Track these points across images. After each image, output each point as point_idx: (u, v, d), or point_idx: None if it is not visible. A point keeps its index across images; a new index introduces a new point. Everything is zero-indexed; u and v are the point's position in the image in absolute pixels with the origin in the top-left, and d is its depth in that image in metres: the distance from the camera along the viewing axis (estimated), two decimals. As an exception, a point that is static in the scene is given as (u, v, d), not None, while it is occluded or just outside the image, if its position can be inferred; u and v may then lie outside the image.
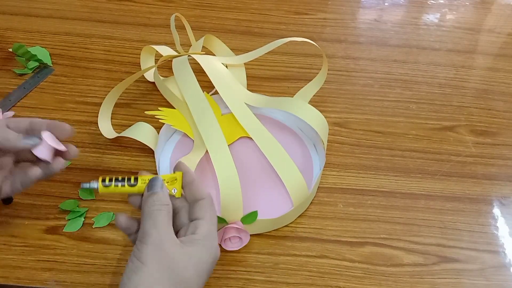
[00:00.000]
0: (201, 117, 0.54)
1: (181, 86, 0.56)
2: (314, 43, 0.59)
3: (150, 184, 0.40)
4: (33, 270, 0.45)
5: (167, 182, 0.41)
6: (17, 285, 0.44)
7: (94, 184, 0.41)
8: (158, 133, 0.55)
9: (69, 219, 0.49)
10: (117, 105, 0.59)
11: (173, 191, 0.41)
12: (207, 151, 0.52)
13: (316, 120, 0.53)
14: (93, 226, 0.49)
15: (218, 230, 0.43)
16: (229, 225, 0.46)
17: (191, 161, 0.49)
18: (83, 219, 0.49)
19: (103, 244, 0.48)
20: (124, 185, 0.41)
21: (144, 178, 0.41)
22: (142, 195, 0.40)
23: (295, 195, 0.49)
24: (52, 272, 0.45)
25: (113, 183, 0.41)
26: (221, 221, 0.46)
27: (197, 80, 0.56)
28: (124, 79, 0.58)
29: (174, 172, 0.41)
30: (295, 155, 0.54)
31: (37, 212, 0.50)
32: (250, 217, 0.47)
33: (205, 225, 0.38)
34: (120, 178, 0.41)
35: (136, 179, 0.41)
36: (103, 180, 0.41)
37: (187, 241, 0.37)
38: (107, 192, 0.41)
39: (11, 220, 0.49)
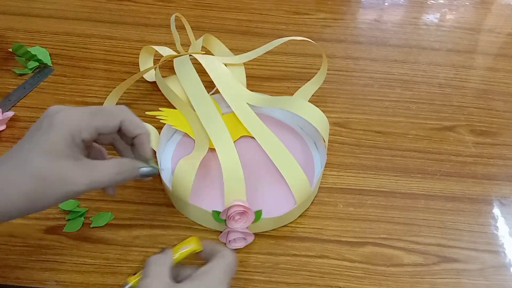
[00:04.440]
0: (207, 115, 0.54)
1: (184, 85, 0.56)
2: (312, 42, 0.59)
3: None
4: (33, 270, 0.45)
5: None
6: (17, 285, 0.44)
7: None
8: (159, 133, 0.55)
9: (69, 219, 0.49)
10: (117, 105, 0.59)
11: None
12: (208, 150, 0.52)
13: (316, 118, 0.53)
14: (91, 226, 0.49)
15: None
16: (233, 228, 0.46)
17: (193, 160, 0.49)
18: (83, 219, 0.49)
19: (103, 244, 0.48)
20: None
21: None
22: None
23: (297, 193, 0.49)
24: (52, 272, 0.45)
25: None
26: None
27: (197, 80, 0.56)
28: (124, 79, 0.58)
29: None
30: (296, 153, 0.54)
31: (37, 212, 0.49)
32: (255, 216, 0.47)
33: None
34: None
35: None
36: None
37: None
38: None
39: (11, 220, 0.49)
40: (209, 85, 0.58)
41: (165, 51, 0.61)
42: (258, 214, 0.47)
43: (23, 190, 0.34)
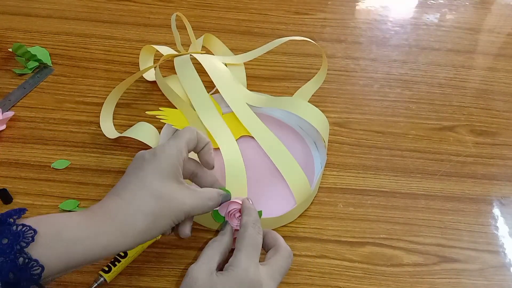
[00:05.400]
0: (206, 114, 0.54)
1: (185, 84, 0.57)
2: (313, 42, 0.59)
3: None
4: (33, 270, 0.45)
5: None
6: (17, 285, 0.44)
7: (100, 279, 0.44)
8: (159, 133, 0.55)
9: None
10: (117, 105, 0.59)
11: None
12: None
13: (316, 118, 0.53)
14: None
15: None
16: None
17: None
18: None
19: (103, 244, 0.48)
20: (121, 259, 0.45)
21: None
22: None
23: (297, 193, 0.49)
24: (52, 272, 0.45)
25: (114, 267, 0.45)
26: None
27: (197, 80, 0.56)
28: (124, 79, 0.58)
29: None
30: (296, 153, 0.54)
31: (37, 212, 0.49)
32: None
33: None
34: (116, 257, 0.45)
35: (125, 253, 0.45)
36: (105, 271, 0.44)
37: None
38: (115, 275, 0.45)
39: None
40: (209, 85, 0.58)
41: (166, 51, 0.61)
42: (258, 214, 0.47)
43: (147, 210, 0.37)
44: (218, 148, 0.51)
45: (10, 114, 0.57)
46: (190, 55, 0.59)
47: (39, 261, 0.31)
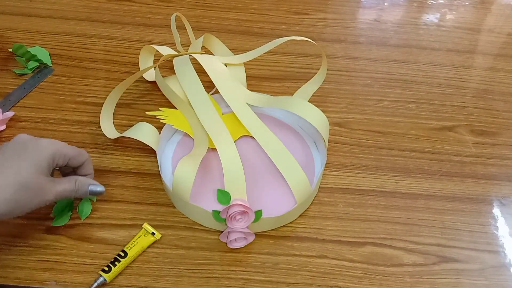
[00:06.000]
0: (206, 115, 0.54)
1: (184, 84, 0.57)
2: (312, 42, 0.59)
3: None
4: (33, 270, 0.45)
5: None
6: (17, 285, 0.44)
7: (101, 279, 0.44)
8: (159, 133, 0.55)
9: (55, 214, 0.49)
10: (117, 105, 0.59)
11: None
12: (208, 149, 0.52)
13: (316, 118, 0.53)
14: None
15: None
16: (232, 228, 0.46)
17: (193, 160, 0.49)
18: (70, 213, 0.49)
19: (103, 244, 0.48)
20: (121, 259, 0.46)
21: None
22: None
23: (298, 192, 0.49)
24: (52, 272, 0.45)
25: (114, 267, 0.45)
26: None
27: (197, 80, 0.56)
28: (124, 79, 0.58)
29: None
30: (296, 153, 0.54)
31: (37, 212, 0.49)
32: (255, 216, 0.47)
33: None
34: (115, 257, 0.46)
35: (124, 252, 0.46)
36: (105, 271, 0.44)
37: None
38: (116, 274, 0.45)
39: (11, 220, 0.49)
40: (209, 85, 0.58)
41: (166, 51, 0.61)
42: (258, 214, 0.47)
43: (10, 197, 0.40)
44: (215, 148, 0.51)
45: (10, 114, 0.57)
46: (190, 55, 0.59)
47: None
